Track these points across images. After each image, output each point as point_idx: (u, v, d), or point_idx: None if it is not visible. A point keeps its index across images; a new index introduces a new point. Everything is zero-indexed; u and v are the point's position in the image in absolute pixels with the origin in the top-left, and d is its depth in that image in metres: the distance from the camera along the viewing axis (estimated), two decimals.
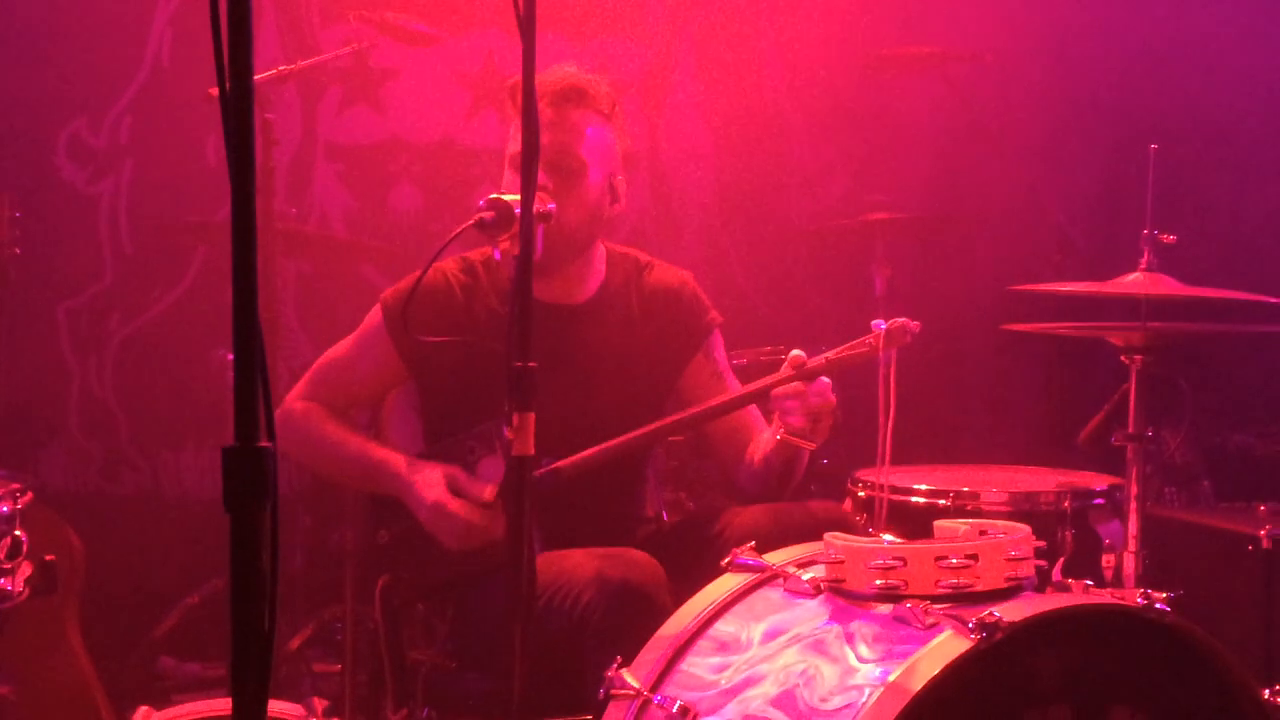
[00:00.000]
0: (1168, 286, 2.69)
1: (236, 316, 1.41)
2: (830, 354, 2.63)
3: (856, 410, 2.82)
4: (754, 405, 2.86)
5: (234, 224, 1.38)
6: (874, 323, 2.56)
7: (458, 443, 2.74)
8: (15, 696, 2.96)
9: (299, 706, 2.20)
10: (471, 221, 2.41)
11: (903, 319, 2.54)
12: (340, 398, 2.91)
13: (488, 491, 2.64)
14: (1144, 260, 2.72)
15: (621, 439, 2.69)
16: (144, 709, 2.15)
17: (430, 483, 2.68)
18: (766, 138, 4.83)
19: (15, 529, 2.23)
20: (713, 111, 4.83)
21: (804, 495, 3.77)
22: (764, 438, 2.82)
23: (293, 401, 2.90)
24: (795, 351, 2.64)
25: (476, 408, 2.72)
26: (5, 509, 2.24)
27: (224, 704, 2.18)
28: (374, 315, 2.89)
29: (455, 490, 2.67)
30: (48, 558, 2.36)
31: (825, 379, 2.64)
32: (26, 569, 2.29)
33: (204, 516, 4.20)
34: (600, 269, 2.94)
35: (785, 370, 2.64)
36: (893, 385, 2.37)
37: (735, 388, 2.96)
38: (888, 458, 2.33)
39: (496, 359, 2.38)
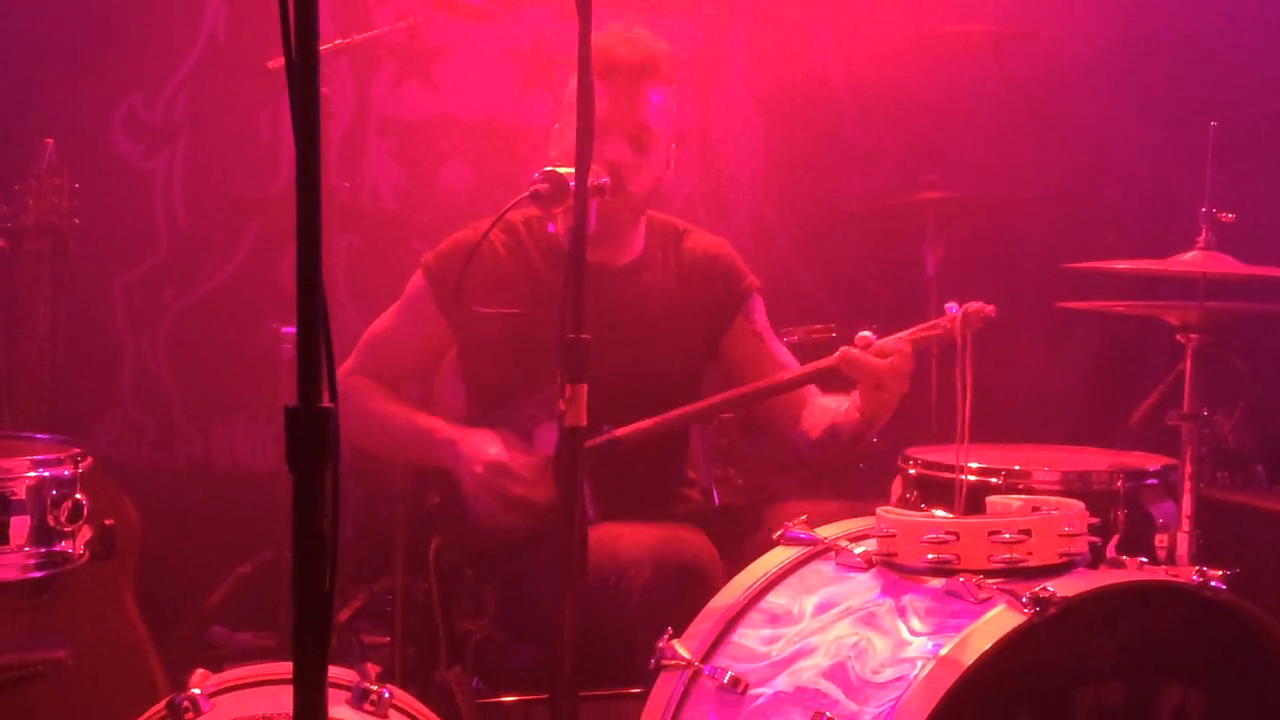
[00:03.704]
0: (1226, 265, 2.67)
1: (300, 279, 1.42)
2: (904, 335, 2.64)
3: (909, 393, 2.82)
4: None
5: (299, 186, 1.39)
6: (948, 305, 2.57)
7: (518, 409, 2.76)
8: (72, 659, 3.00)
9: (352, 671, 2.22)
10: (526, 194, 2.43)
11: (979, 302, 2.54)
12: (389, 369, 2.93)
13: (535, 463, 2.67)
14: (1202, 238, 2.70)
15: (684, 410, 2.73)
16: (200, 671, 2.17)
17: (486, 442, 2.70)
18: (817, 116, 4.81)
19: (76, 493, 2.26)
20: (763, 89, 4.82)
21: (854, 475, 3.78)
22: (831, 407, 2.84)
23: (341, 377, 2.91)
24: (863, 333, 2.65)
25: (522, 372, 2.75)
26: (67, 473, 2.27)
27: (280, 667, 2.20)
28: (416, 281, 2.92)
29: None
30: (107, 522, 2.39)
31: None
32: (86, 533, 2.31)
33: (255, 489, 4.24)
34: (642, 233, 2.97)
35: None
36: (969, 369, 2.35)
37: (779, 351, 3.00)
38: (966, 437, 2.32)
39: (546, 326, 2.40)
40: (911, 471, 2.94)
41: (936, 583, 2.11)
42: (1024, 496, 2.33)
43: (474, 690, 2.81)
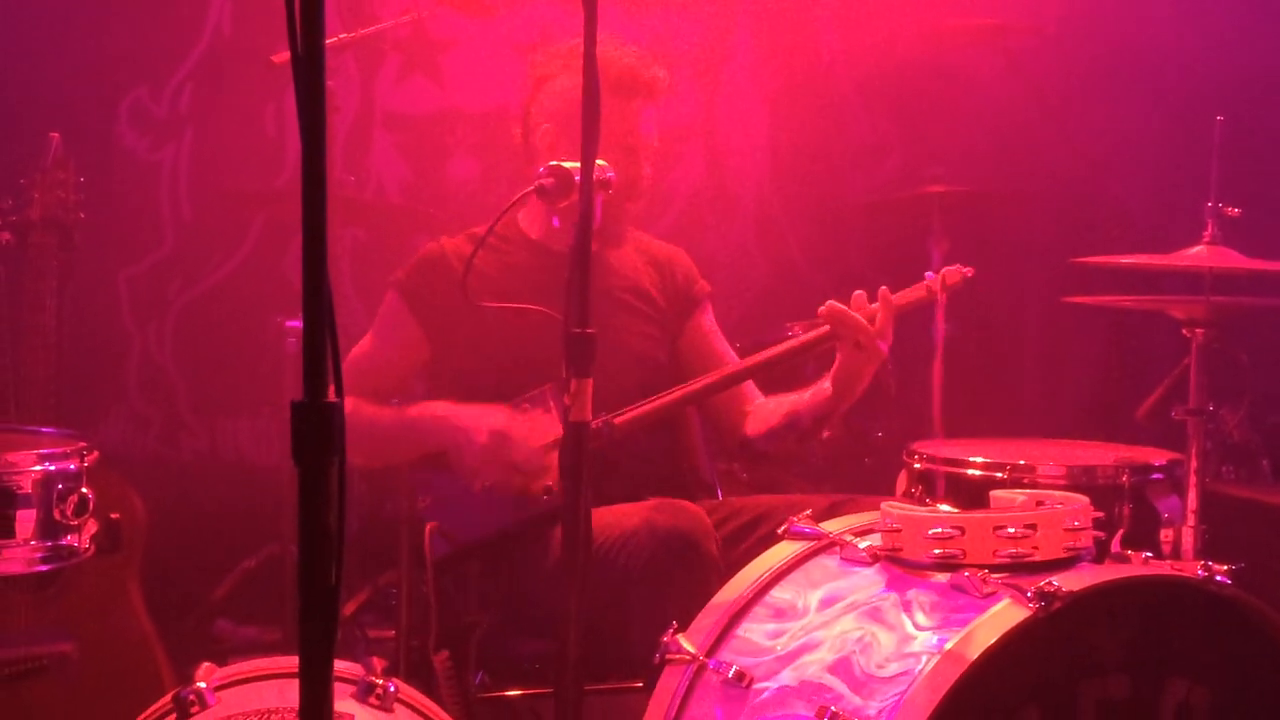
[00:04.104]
0: (1231, 260, 2.67)
1: (306, 275, 1.42)
2: (887, 293, 2.73)
3: (911, 385, 2.84)
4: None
5: (304, 181, 1.39)
6: (926, 274, 2.73)
7: (512, 406, 2.77)
8: (78, 653, 3.00)
9: (358, 665, 2.22)
10: (531, 188, 2.43)
11: (956, 264, 2.70)
12: (371, 391, 2.93)
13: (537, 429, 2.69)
14: (1207, 233, 2.70)
15: (676, 393, 2.78)
16: (206, 665, 2.17)
17: (486, 412, 2.73)
18: (822, 110, 4.80)
19: (82, 486, 2.26)
20: (768, 83, 4.81)
21: (859, 469, 3.78)
22: (785, 401, 2.92)
23: None
24: (857, 292, 2.72)
25: (512, 372, 2.77)
26: (73, 467, 2.27)
27: (285, 661, 2.20)
28: (390, 300, 2.97)
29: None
30: (113, 516, 2.39)
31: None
32: (92, 527, 2.31)
33: (261, 482, 4.25)
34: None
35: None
36: (941, 323, 2.42)
37: (730, 355, 3.09)
38: (938, 388, 2.36)
39: (538, 321, 2.44)
40: (916, 466, 2.94)
41: (941, 577, 2.11)
42: (1028, 491, 2.33)
43: (478, 685, 2.81)
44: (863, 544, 2.27)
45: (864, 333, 2.67)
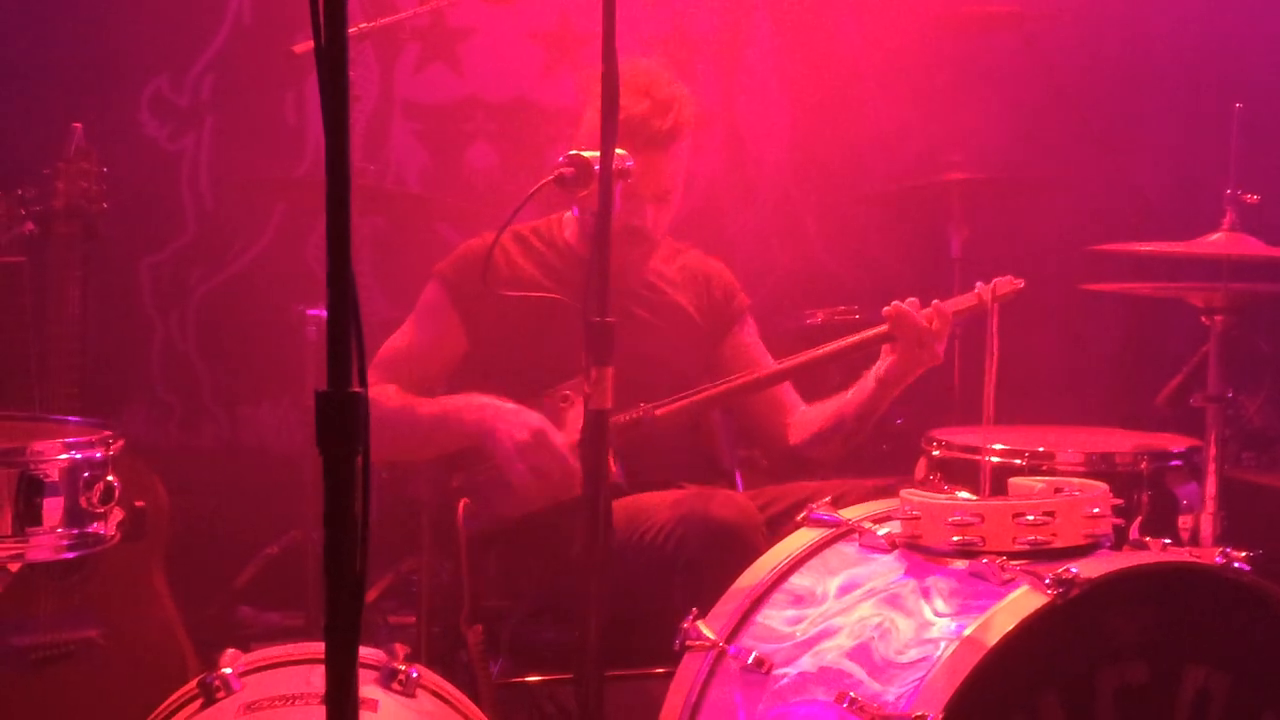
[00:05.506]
0: (1251, 247, 2.67)
1: (330, 264, 1.44)
2: (943, 304, 2.79)
3: (930, 373, 2.85)
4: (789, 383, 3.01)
5: (328, 171, 1.41)
6: (976, 284, 2.77)
7: (552, 392, 2.80)
8: (104, 640, 3.04)
9: (380, 651, 2.24)
10: (551, 177, 2.44)
11: (1009, 276, 2.77)
12: (410, 382, 2.94)
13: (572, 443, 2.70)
14: (1226, 220, 2.70)
15: (719, 389, 2.81)
16: (231, 651, 2.20)
17: (527, 413, 2.74)
18: (842, 96, 4.79)
19: (108, 475, 2.28)
20: (788, 70, 4.80)
21: (876, 455, 3.79)
22: (826, 409, 2.93)
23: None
24: (910, 299, 2.76)
25: (547, 359, 2.78)
26: (98, 455, 2.29)
27: (309, 647, 2.22)
28: (431, 290, 2.97)
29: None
30: (138, 504, 2.41)
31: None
32: (118, 514, 2.34)
33: (282, 469, 4.27)
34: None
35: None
36: (995, 335, 2.44)
37: (767, 362, 3.06)
38: (992, 400, 2.37)
39: (570, 311, 2.45)
40: (935, 453, 2.95)
41: (960, 564, 2.12)
42: (1047, 478, 2.33)
43: (497, 670, 2.83)
44: (881, 531, 2.28)
45: (926, 334, 2.72)
